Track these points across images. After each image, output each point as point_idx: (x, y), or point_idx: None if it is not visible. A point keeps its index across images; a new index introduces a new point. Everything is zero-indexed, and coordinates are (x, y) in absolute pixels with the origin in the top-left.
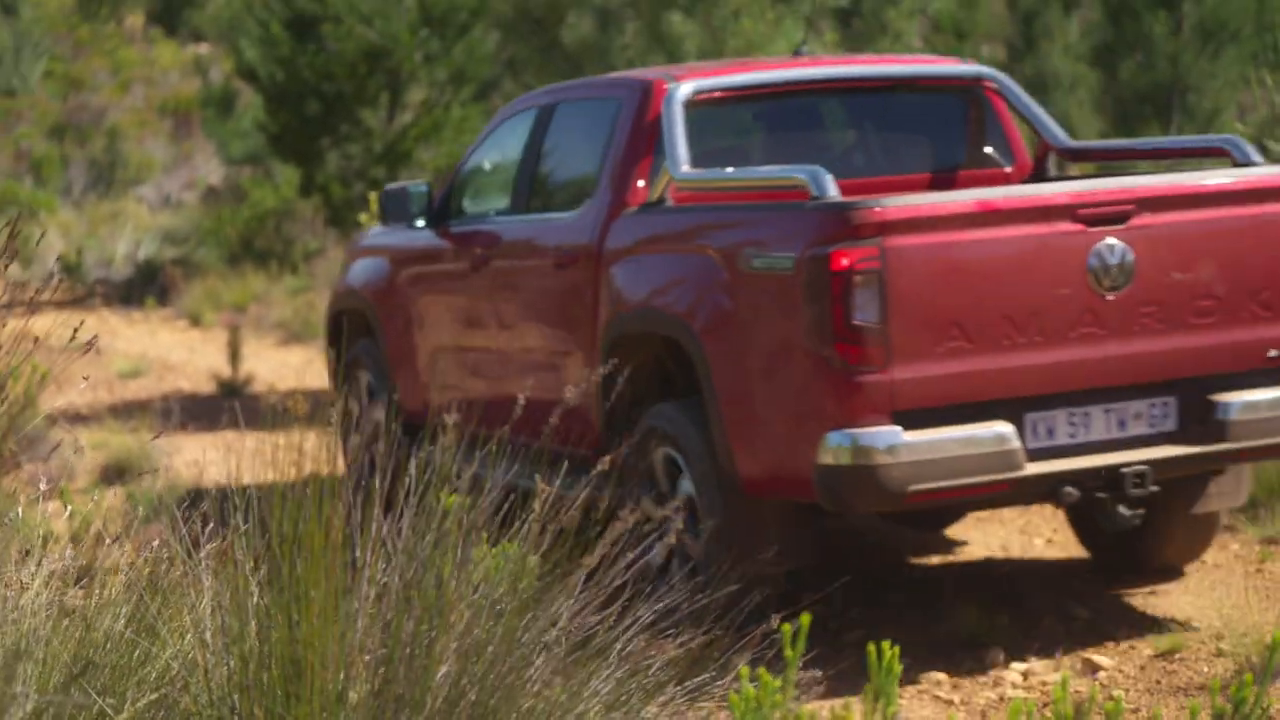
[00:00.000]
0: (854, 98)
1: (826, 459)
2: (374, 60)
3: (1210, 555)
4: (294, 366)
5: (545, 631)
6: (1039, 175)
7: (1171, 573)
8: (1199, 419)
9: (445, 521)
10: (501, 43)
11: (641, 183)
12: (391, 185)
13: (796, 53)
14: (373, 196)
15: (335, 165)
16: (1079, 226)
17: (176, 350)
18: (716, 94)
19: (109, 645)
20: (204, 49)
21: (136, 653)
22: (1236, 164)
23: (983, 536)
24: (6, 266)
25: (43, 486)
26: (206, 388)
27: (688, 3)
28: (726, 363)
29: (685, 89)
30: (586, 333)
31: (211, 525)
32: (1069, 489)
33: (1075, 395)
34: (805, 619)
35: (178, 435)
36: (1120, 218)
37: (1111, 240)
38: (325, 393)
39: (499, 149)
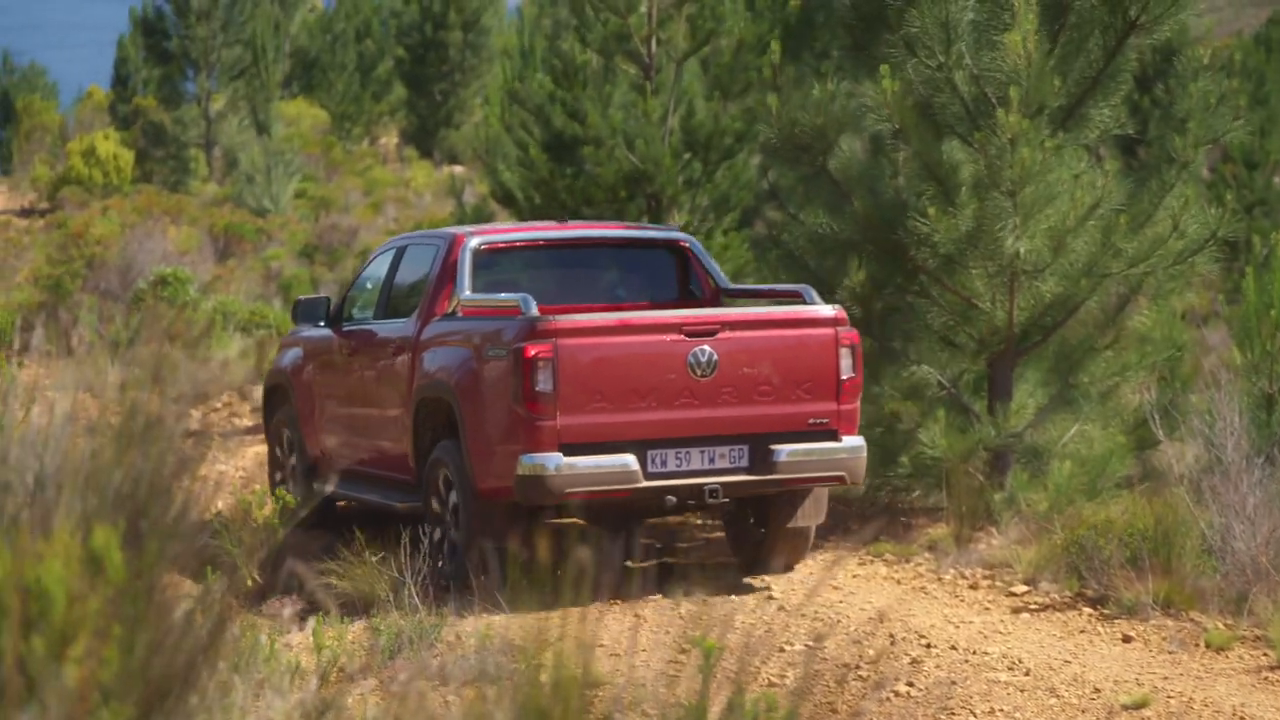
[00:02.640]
0: (595, 250)
1: (522, 472)
2: (634, 184)
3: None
4: None
5: None
6: (715, 303)
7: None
8: (762, 460)
9: None
10: (764, 169)
11: (445, 301)
12: (302, 297)
13: (562, 220)
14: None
15: None
16: (683, 337)
17: None
18: (499, 245)
19: None
20: (458, 170)
21: None
22: (804, 303)
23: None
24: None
25: (287, 616)
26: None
27: (964, 130)
28: (471, 415)
29: (475, 241)
30: (408, 397)
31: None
32: (670, 497)
33: (679, 440)
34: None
35: (427, 567)
36: (711, 332)
37: (704, 346)
38: (574, 525)
39: (373, 274)
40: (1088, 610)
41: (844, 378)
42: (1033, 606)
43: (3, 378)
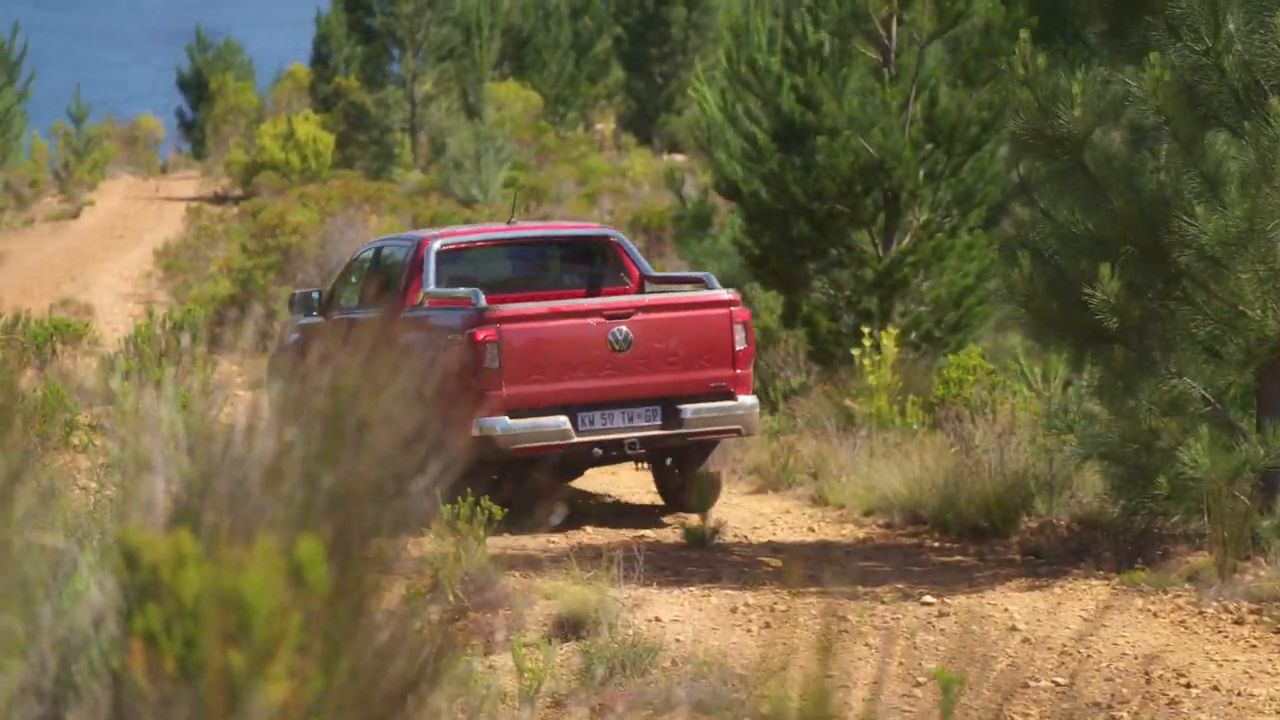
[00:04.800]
0: (539, 247)
1: (476, 432)
2: (871, 177)
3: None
4: (768, 516)
5: None
6: (640, 288)
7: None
8: (672, 417)
9: None
10: (1013, 162)
11: (414, 294)
12: (296, 291)
13: (509, 222)
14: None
15: (822, 293)
16: (604, 320)
17: (639, 493)
18: (459, 245)
19: None
20: (679, 159)
21: None
22: (706, 288)
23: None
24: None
25: (498, 638)
26: (672, 536)
27: (1233, 120)
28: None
29: (437, 244)
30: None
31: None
32: (596, 450)
33: (603, 405)
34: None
35: (640, 588)
36: (627, 315)
37: (621, 326)
38: (801, 546)
39: (356, 270)
40: None
41: (738, 349)
42: None
43: (197, 375)
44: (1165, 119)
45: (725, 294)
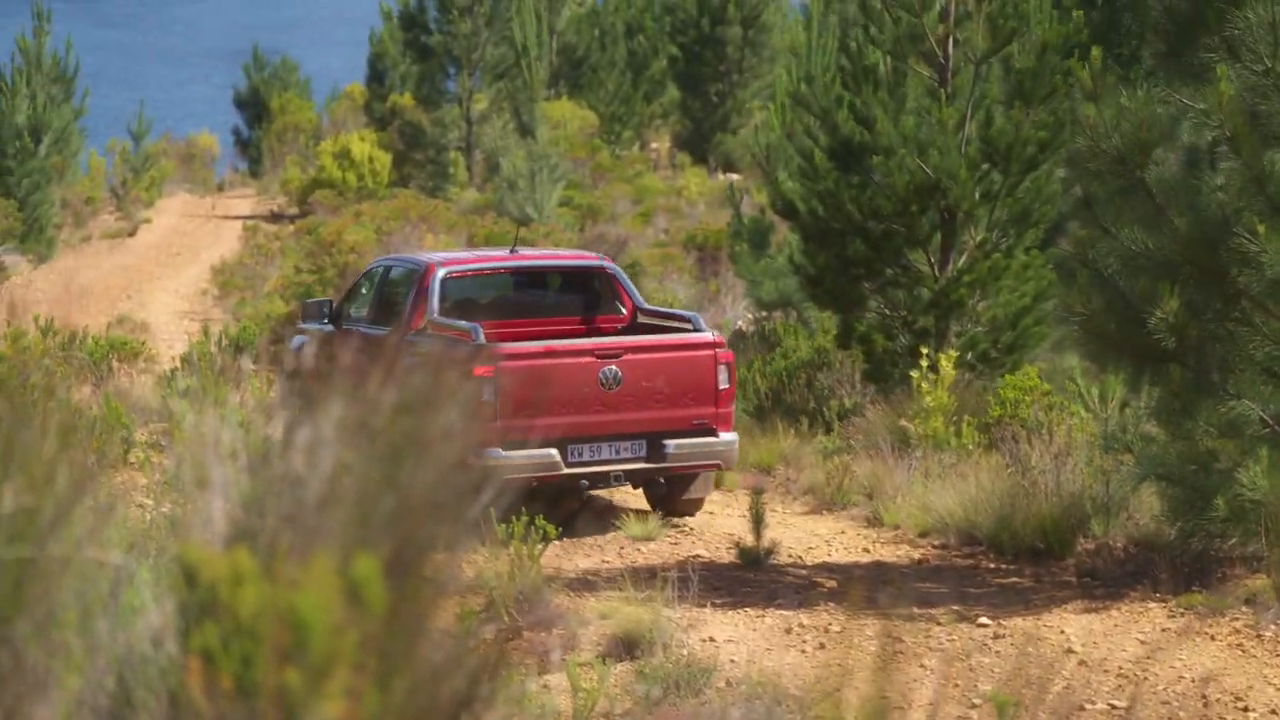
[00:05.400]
0: (538, 275)
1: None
2: (926, 196)
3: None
4: (823, 537)
5: None
6: (633, 320)
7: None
8: (656, 451)
9: None
10: (1070, 181)
11: (419, 318)
12: (308, 300)
13: (512, 250)
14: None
15: (878, 313)
16: (595, 359)
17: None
18: (463, 272)
19: None
20: (735, 178)
21: None
22: (693, 329)
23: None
24: None
25: (553, 657)
26: (726, 556)
27: None
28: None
29: (443, 270)
30: None
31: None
32: (584, 481)
33: (593, 439)
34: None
35: (694, 608)
36: (617, 355)
37: (611, 366)
38: (856, 567)
39: (367, 284)
40: None
41: (721, 388)
42: None
43: (254, 393)
44: (1229, 136)
45: (710, 336)
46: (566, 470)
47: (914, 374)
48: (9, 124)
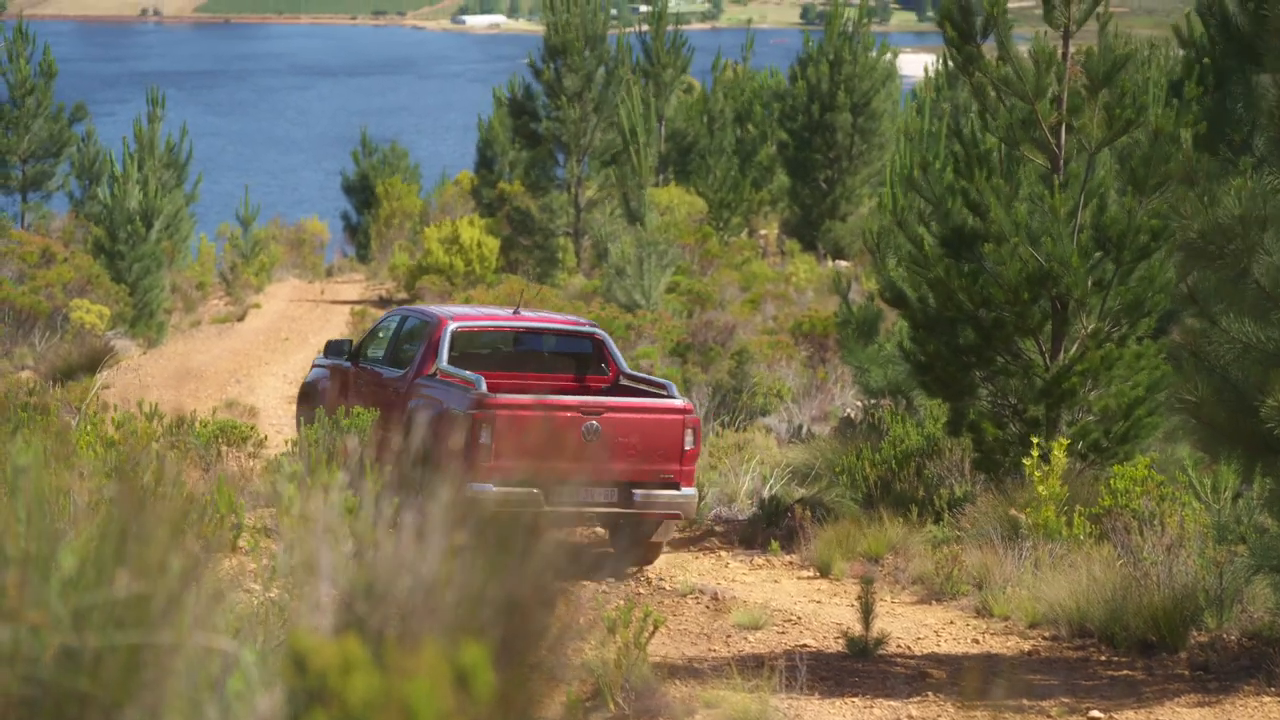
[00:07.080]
0: (537, 335)
1: (467, 495)
2: (1038, 285)
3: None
4: (931, 627)
5: None
6: (615, 381)
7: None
8: (625, 498)
9: None
10: (1183, 271)
11: (430, 365)
12: (332, 339)
13: (515, 311)
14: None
15: (988, 401)
16: (579, 414)
17: (801, 601)
18: (472, 328)
19: None
20: (843, 265)
21: None
22: (667, 395)
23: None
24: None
25: None
26: (834, 646)
27: None
28: (436, 449)
29: (453, 325)
30: (399, 421)
31: None
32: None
33: (571, 483)
34: None
35: (802, 698)
36: (599, 413)
37: (593, 421)
38: (968, 659)
39: (384, 329)
40: None
41: (686, 448)
42: None
43: (365, 479)
44: None
45: (680, 402)
46: (546, 508)
47: (1026, 462)
48: (121, 209)
